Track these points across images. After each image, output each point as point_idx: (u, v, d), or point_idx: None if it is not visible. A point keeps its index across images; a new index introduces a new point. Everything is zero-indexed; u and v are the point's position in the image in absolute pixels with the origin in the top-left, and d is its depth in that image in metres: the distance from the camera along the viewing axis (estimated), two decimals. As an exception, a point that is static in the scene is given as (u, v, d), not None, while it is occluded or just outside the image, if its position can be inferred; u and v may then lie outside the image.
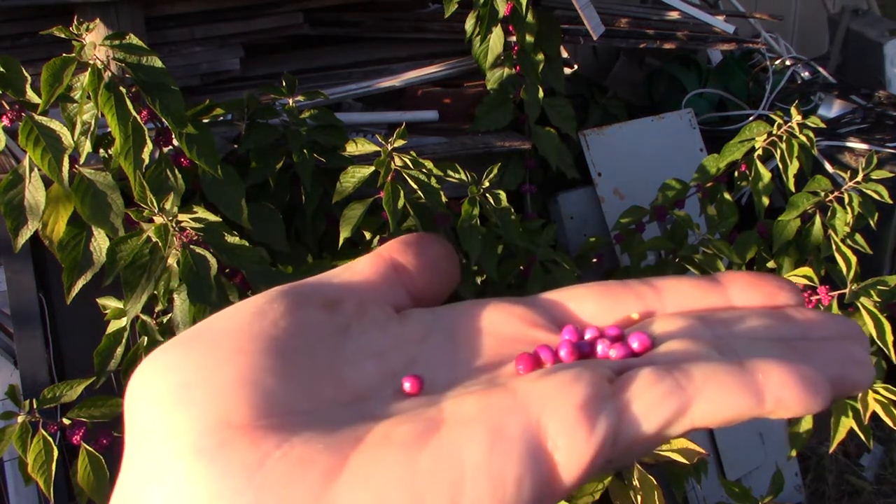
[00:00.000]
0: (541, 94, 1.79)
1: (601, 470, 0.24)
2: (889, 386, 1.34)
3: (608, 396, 0.24)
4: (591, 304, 0.31)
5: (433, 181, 1.38)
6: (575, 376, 0.24)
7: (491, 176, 1.46)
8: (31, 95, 1.13)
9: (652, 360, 0.26)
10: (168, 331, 1.28)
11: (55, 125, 1.15)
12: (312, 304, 0.28)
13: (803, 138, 1.56)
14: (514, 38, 1.74)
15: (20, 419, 1.16)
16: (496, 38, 1.73)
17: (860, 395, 1.34)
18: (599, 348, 0.28)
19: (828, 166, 2.21)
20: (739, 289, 0.31)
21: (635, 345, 0.28)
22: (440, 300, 0.32)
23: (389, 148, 1.35)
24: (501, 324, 0.30)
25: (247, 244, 1.17)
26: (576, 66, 2.17)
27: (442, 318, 0.30)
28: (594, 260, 1.82)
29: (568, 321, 0.30)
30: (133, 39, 1.14)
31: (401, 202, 1.36)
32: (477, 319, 0.30)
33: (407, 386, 0.27)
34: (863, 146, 2.23)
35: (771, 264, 1.61)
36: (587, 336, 0.29)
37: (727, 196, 1.64)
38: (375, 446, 0.23)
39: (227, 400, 0.24)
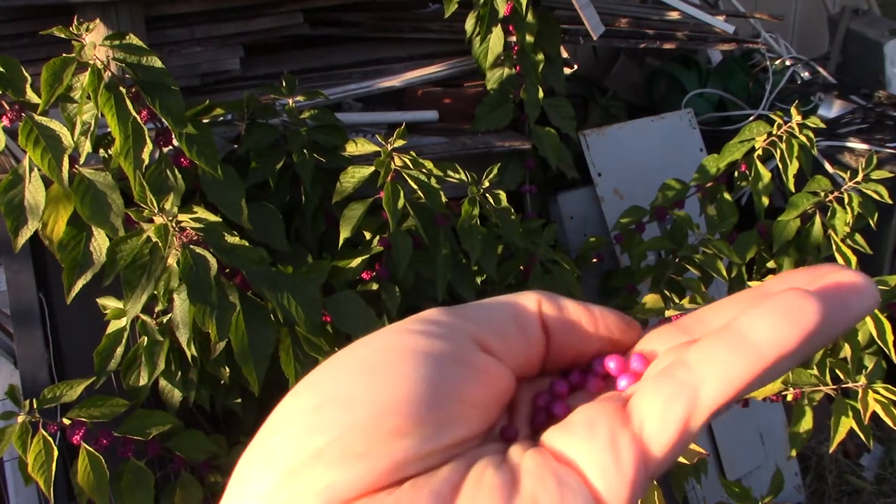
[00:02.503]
0: (541, 94, 1.79)
1: (651, 481, 0.26)
2: (889, 386, 1.34)
3: (622, 427, 0.26)
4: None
5: (433, 181, 1.38)
6: (590, 420, 0.27)
7: (491, 176, 1.45)
8: (31, 95, 1.13)
9: (651, 374, 0.29)
10: (168, 331, 1.28)
11: (55, 125, 1.15)
12: (460, 348, 0.29)
13: (803, 138, 1.56)
14: (514, 38, 1.74)
15: (20, 419, 1.16)
16: (496, 38, 1.73)
17: (860, 395, 1.34)
18: (621, 383, 0.30)
19: (828, 166, 2.21)
20: None
21: (635, 365, 0.30)
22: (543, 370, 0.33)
23: (389, 148, 1.35)
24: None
25: (247, 244, 1.17)
26: (576, 66, 2.17)
27: None
28: (594, 260, 1.82)
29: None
30: (133, 39, 1.14)
31: (401, 202, 1.36)
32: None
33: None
34: (863, 146, 2.23)
35: (771, 264, 1.61)
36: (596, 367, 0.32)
37: (727, 196, 1.64)
38: (473, 495, 0.26)
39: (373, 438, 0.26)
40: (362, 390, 0.27)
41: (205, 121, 1.31)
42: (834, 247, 1.47)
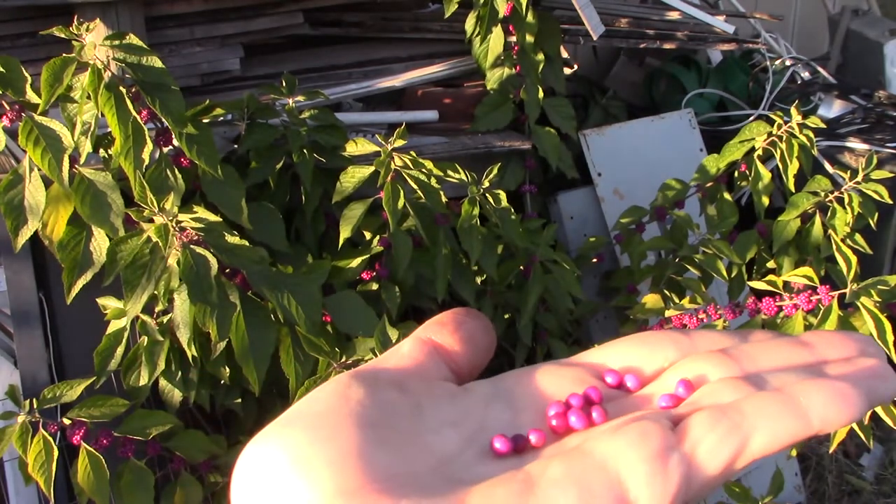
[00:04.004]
0: (541, 94, 1.79)
1: None
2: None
3: (674, 446, 0.27)
4: (632, 355, 0.34)
5: (433, 181, 1.38)
6: (642, 432, 0.27)
7: (491, 176, 1.45)
8: (31, 95, 1.13)
9: (701, 403, 0.29)
10: (168, 331, 1.28)
11: (55, 125, 1.15)
12: (384, 387, 0.31)
13: (803, 138, 1.56)
14: (514, 38, 1.74)
15: (20, 419, 1.16)
16: (496, 38, 1.72)
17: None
18: (656, 401, 0.31)
19: (828, 166, 2.21)
20: (761, 338, 0.33)
21: (681, 390, 0.31)
22: (481, 369, 0.35)
23: (389, 148, 1.35)
24: (551, 385, 0.33)
25: (247, 244, 1.17)
26: (576, 66, 2.17)
27: (500, 387, 0.33)
28: (594, 260, 1.82)
29: (610, 372, 0.33)
30: (133, 39, 1.14)
31: (401, 202, 1.36)
32: (530, 384, 0.33)
33: (498, 445, 0.29)
34: (863, 146, 2.23)
35: (771, 264, 1.61)
36: (629, 383, 0.33)
37: (727, 196, 1.64)
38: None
39: (339, 470, 0.27)
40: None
41: (205, 121, 1.31)
42: (834, 247, 1.47)
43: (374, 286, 1.47)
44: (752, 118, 2.35)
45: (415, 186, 1.36)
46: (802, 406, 0.27)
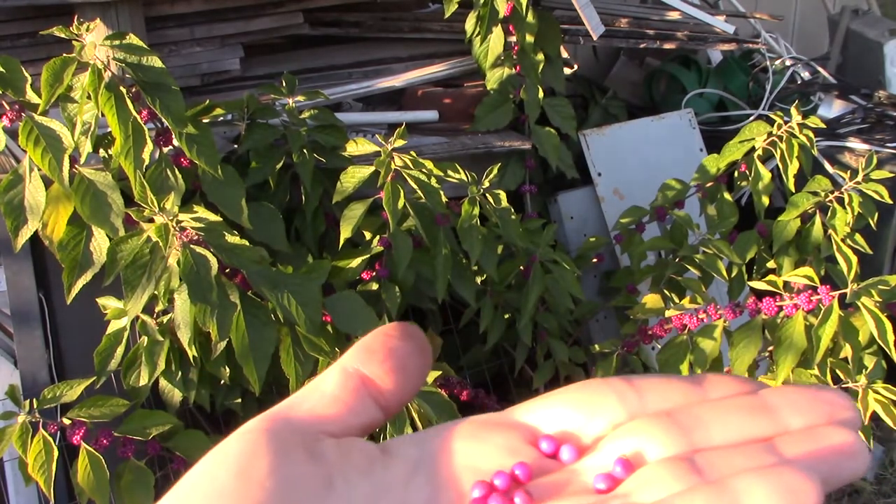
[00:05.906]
0: (541, 94, 1.79)
1: None
2: (889, 386, 1.34)
3: None
4: (572, 416, 0.31)
5: (433, 181, 1.38)
6: None
7: (491, 176, 1.46)
8: (31, 95, 1.13)
9: (633, 497, 0.27)
10: (168, 331, 1.28)
11: (55, 125, 1.15)
12: (295, 455, 0.28)
13: (803, 138, 1.56)
14: (514, 38, 1.74)
15: (20, 419, 1.16)
16: (496, 38, 1.73)
17: (860, 394, 1.34)
18: (592, 479, 0.28)
19: (828, 166, 2.21)
20: (719, 391, 0.30)
21: (618, 470, 0.28)
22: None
23: (389, 148, 1.35)
24: (480, 455, 0.30)
25: (247, 244, 1.17)
26: (576, 66, 2.17)
27: (425, 452, 0.30)
28: (594, 260, 1.82)
29: (545, 438, 0.30)
30: (133, 39, 1.14)
31: (401, 202, 1.36)
32: (457, 453, 0.30)
33: None
34: (863, 146, 2.23)
35: (771, 264, 1.61)
36: (564, 455, 0.30)
37: (727, 196, 1.64)
38: None
39: None
40: None
41: (205, 121, 1.31)
42: (834, 247, 1.47)
43: (374, 286, 1.47)
44: (752, 118, 2.35)
45: (415, 186, 1.36)
46: None
